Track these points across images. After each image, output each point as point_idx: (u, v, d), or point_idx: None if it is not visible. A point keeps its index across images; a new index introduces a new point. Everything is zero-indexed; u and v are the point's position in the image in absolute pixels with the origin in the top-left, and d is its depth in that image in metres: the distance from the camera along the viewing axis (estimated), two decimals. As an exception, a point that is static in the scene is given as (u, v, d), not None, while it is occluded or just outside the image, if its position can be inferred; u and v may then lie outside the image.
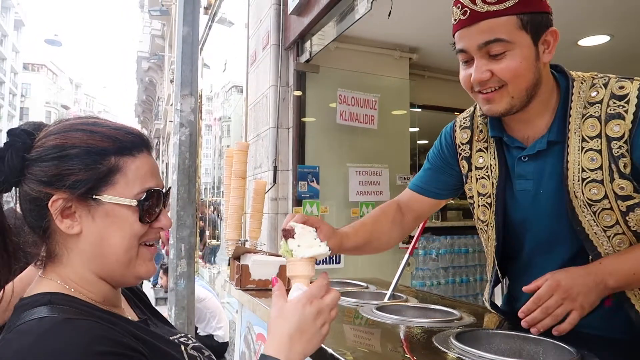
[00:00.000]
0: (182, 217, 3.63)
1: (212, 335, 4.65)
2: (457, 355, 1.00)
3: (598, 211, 1.08)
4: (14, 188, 0.74)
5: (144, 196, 0.75)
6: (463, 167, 1.31)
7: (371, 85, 3.84)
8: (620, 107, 1.05)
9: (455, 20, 1.09)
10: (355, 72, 3.81)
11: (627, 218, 1.06)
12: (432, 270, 4.01)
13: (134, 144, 0.76)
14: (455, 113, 1.52)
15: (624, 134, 1.03)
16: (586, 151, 1.08)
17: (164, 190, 0.79)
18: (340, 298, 0.81)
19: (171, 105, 14.42)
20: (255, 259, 1.76)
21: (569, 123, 1.10)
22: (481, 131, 1.26)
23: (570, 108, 1.10)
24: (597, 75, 1.12)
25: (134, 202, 0.74)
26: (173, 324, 3.98)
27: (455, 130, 1.33)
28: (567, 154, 1.10)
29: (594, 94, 1.09)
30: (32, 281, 0.77)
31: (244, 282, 1.73)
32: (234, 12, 6.78)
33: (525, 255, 1.24)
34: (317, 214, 3.44)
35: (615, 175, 1.05)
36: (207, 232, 7.94)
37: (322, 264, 3.42)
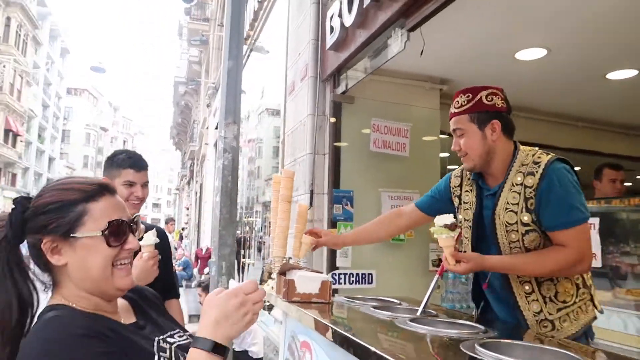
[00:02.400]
0: (224, 237, 3.90)
1: (247, 351, 4.82)
2: (482, 357, 1.17)
3: (509, 231, 1.74)
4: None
5: (107, 227, 1.00)
6: (455, 202, 2.02)
7: (403, 115, 4.04)
8: (534, 169, 1.70)
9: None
10: (388, 102, 4.04)
11: (524, 238, 1.73)
12: (461, 293, 4.11)
13: (95, 191, 1.03)
14: None
15: (533, 185, 1.69)
16: (512, 192, 1.74)
17: (128, 219, 1.05)
18: (265, 295, 0.98)
19: (206, 128, 14.97)
20: (300, 274, 1.96)
21: (508, 175, 1.77)
22: (468, 179, 1.95)
23: (511, 167, 1.77)
24: (532, 149, 1.79)
25: (99, 233, 0.99)
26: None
27: (451, 179, 2.05)
28: (501, 192, 1.77)
29: (525, 160, 1.75)
30: None
31: (290, 295, 1.93)
32: (271, 42, 7.16)
33: None
34: (351, 236, 3.63)
35: (523, 210, 1.70)
36: (242, 252, 8.19)
37: (356, 283, 3.60)
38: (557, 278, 1.73)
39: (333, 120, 3.92)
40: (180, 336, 1.13)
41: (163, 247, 2.00)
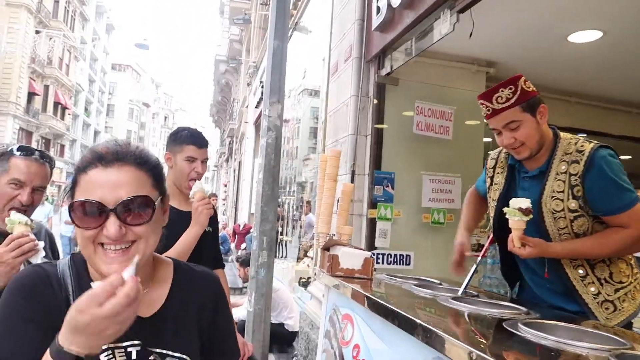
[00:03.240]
0: (266, 213, 4.03)
1: (283, 324, 5.00)
2: (525, 335, 1.21)
3: (557, 218, 1.79)
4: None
5: (69, 205, 0.88)
6: (487, 182, 2.11)
7: (447, 98, 4.00)
8: (579, 157, 1.76)
9: (485, 114, 1.87)
10: (432, 85, 4.00)
11: (572, 224, 1.78)
12: (499, 279, 4.10)
13: (87, 162, 0.90)
14: None
15: (578, 172, 1.74)
16: (557, 180, 1.80)
17: (113, 203, 0.86)
18: (128, 305, 0.73)
19: (246, 107, 15.16)
20: (344, 250, 2.04)
21: (552, 163, 1.82)
22: (502, 162, 2.03)
23: (555, 154, 1.83)
24: (574, 137, 1.84)
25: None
26: (251, 309, 4.33)
27: (488, 161, 2.14)
28: (547, 179, 1.82)
29: (567, 149, 1.81)
30: None
31: (334, 269, 2.02)
32: (313, 22, 7.15)
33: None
34: (390, 217, 3.67)
35: (570, 197, 1.76)
36: (280, 229, 8.39)
37: (394, 264, 3.66)
38: (610, 259, 1.78)
39: (376, 102, 3.93)
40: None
41: (212, 219, 2.13)
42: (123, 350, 0.90)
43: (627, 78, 4.28)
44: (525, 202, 1.67)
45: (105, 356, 0.89)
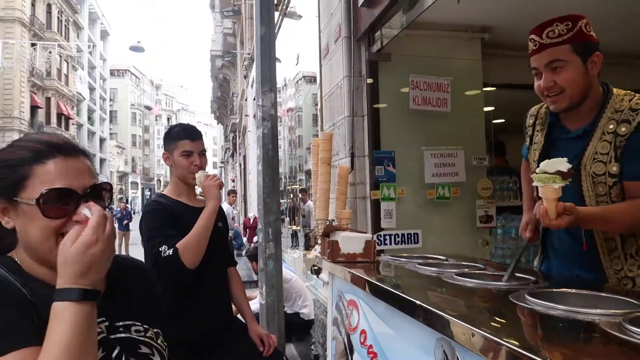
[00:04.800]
0: (268, 204, 3.97)
1: (299, 314, 4.98)
2: (532, 307, 1.14)
3: (596, 183, 1.60)
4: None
5: (40, 196, 0.87)
6: (527, 142, 1.91)
7: (443, 69, 3.89)
8: (631, 116, 1.55)
9: (530, 50, 1.65)
10: (426, 57, 3.89)
11: (611, 191, 1.59)
12: (511, 249, 4.03)
13: (44, 152, 0.91)
14: (531, 90, 1.80)
15: (627, 133, 1.54)
16: (602, 141, 1.60)
17: (82, 188, 0.91)
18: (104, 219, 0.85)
19: (245, 100, 15.08)
20: (343, 235, 1.98)
21: (598, 121, 1.61)
22: (542, 118, 1.83)
23: (603, 112, 1.61)
24: (629, 93, 1.62)
25: (32, 202, 0.88)
26: (263, 302, 4.32)
27: (526, 117, 1.93)
28: (590, 140, 1.62)
29: (619, 106, 1.59)
30: None
31: (334, 256, 1.96)
32: (302, 6, 7.02)
33: None
34: (394, 197, 3.60)
35: (612, 159, 1.56)
36: (287, 219, 8.37)
37: (402, 244, 3.59)
38: None
39: (370, 80, 3.83)
40: (137, 330, 1.01)
41: (220, 215, 2.14)
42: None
43: (633, 30, 4.11)
44: (564, 164, 1.42)
45: None
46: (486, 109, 4.25)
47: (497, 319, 1.14)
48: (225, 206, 10.31)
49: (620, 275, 1.62)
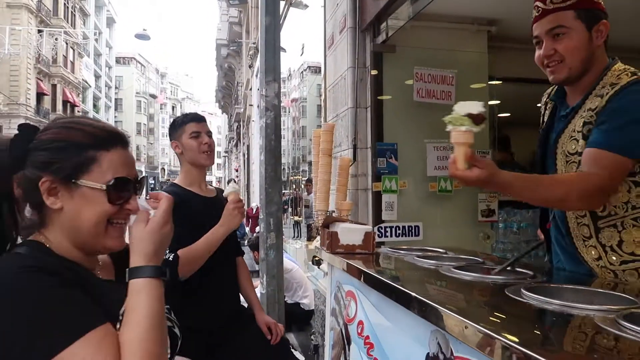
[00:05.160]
0: (270, 194, 3.98)
1: (299, 304, 5.02)
2: (527, 301, 1.14)
3: (569, 162, 1.51)
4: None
5: (112, 182, 0.93)
6: (541, 122, 1.77)
7: (448, 62, 3.86)
8: (607, 90, 1.43)
9: (533, 17, 1.54)
10: (431, 49, 3.86)
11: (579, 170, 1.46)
12: (513, 243, 4.02)
13: (108, 140, 0.96)
14: (538, 84, 1.77)
15: (597, 107, 1.43)
16: (581, 118, 1.48)
17: (134, 178, 0.98)
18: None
19: (250, 89, 15.05)
20: (343, 226, 1.98)
21: (586, 98, 1.50)
22: (548, 95, 1.73)
23: (594, 89, 1.48)
24: (629, 68, 1.47)
25: (104, 187, 0.92)
26: (264, 291, 4.34)
27: (542, 97, 1.81)
28: (573, 117, 1.52)
29: (612, 80, 1.45)
30: None
31: (333, 247, 1.96)
32: (309, -4, 6.96)
33: None
34: (395, 189, 3.60)
35: (582, 137, 1.46)
36: (290, 209, 8.39)
37: (403, 236, 3.59)
38: (623, 224, 1.44)
39: (374, 72, 3.81)
40: None
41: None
42: None
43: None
44: (476, 106, 1.30)
45: None
46: (491, 102, 4.22)
47: (492, 312, 1.14)
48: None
49: (601, 264, 1.50)
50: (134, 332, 0.83)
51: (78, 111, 36.03)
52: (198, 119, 2.19)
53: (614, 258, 1.47)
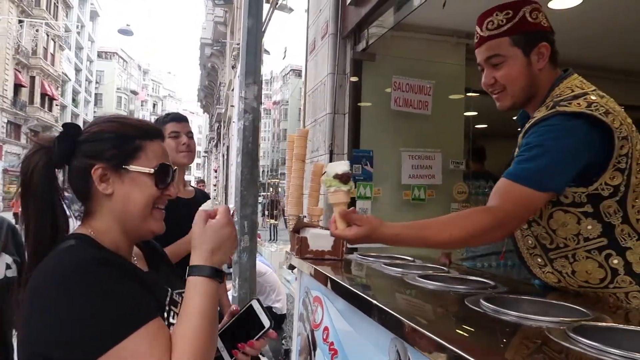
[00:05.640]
0: (245, 197, 3.97)
1: (271, 307, 4.99)
2: (485, 311, 1.16)
3: None
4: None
5: (158, 167, 1.03)
6: None
7: (427, 72, 3.92)
8: (532, 120, 1.38)
9: (474, 43, 1.51)
10: (410, 59, 3.91)
11: None
12: (482, 253, 4.08)
13: (151, 133, 1.06)
14: None
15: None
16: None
17: (173, 168, 1.07)
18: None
19: (232, 90, 14.97)
20: (313, 232, 1.99)
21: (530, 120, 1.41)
22: (517, 119, 1.62)
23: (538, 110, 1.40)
24: (574, 87, 1.39)
25: (152, 171, 1.02)
26: (236, 294, 4.32)
27: None
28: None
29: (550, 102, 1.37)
30: None
31: (303, 252, 1.97)
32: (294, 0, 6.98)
33: None
34: (370, 196, 3.63)
35: None
36: (267, 212, 8.36)
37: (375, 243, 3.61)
38: (575, 255, 1.38)
39: (354, 79, 3.85)
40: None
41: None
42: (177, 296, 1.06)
43: (608, 45, 4.20)
44: (341, 166, 1.28)
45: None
46: (468, 114, 4.30)
47: (449, 322, 1.16)
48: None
49: (561, 285, 1.48)
50: (185, 329, 0.87)
51: (57, 104, 35.30)
52: (178, 118, 2.20)
53: (572, 281, 1.44)
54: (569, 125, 1.27)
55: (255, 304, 1.06)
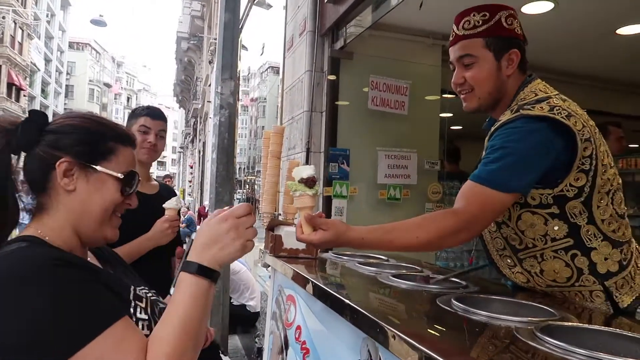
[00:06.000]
0: (220, 194, 3.92)
1: (245, 305, 4.96)
2: (455, 311, 1.18)
3: None
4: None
5: (127, 174, 1.00)
6: None
7: (403, 72, 3.95)
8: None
9: (449, 40, 1.52)
10: (388, 59, 3.94)
11: None
12: (455, 252, 4.15)
13: (125, 138, 1.04)
14: None
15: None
16: None
17: (138, 177, 1.04)
18: (255, 222, 0.96)
19: (209, 85, 14.80)
20: (287, 230, 1.97)
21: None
22: (484, 126, 1.62)
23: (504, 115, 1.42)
24: (537, 91, 1.42)
25: (121, 176, 0.99)
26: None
27: None
28: None
29: (523, 95, 1.42)
30: None
31: (277, 250, 1.95)
32: (273, -4, 6.94)
33: None
34: (346, 195, 3.63)
35: None
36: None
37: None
38: (543, 255, 1.41)
39: (331, 77, 3.85)
40: (146, 292, 1.08)
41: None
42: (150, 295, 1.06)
43: (578, 50, 4.32)
44: (307, 170, 1.30)
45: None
46: (443, 115, 4.35)
47: (420, 322, 1.17)
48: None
49: (529, 286, 1.50)
50: (164, 330, 0.84)
51: (24, 95, 34.16)
52: (153, 115, 2.08)
53: (541, 281, 1.46)
54: (533, 128, 1.30)
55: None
